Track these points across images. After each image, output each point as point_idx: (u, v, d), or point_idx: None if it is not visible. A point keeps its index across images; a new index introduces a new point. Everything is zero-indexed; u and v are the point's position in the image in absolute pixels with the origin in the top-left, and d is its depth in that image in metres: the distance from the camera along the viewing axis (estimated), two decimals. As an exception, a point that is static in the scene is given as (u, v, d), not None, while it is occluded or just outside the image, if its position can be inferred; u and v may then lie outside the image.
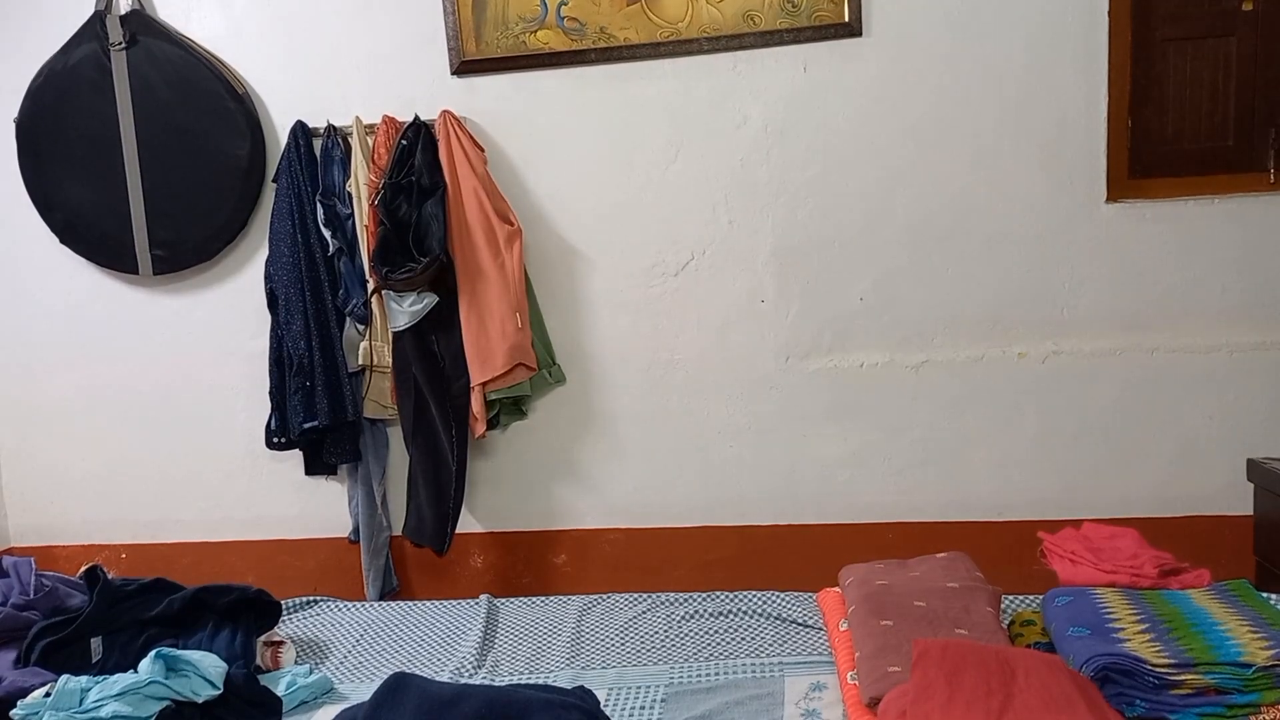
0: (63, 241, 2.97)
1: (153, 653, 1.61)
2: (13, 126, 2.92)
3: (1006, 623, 1.82)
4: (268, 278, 2.84)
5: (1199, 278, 2.68)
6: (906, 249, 2.75)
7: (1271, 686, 1.41)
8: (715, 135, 2.75)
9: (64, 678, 1.57)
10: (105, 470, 3.18)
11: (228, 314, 3.01)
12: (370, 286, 2.76)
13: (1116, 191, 2.69)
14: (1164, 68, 2.69)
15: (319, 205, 2.76)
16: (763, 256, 2.79)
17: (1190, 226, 2.67)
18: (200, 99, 2.83)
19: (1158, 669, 1.44)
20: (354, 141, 2.74)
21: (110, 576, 1.94)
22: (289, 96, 2.87)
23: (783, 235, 2.77)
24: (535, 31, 2.73)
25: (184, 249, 2.92)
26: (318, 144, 2.80)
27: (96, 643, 1.75)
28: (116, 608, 1.79)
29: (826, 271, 2.78)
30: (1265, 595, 1.75)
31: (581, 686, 1.36)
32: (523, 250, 2.75)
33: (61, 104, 2.87)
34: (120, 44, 2.81)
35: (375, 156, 2.72)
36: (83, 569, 1.99)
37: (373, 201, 2.67)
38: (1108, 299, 2.71)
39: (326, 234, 2.76)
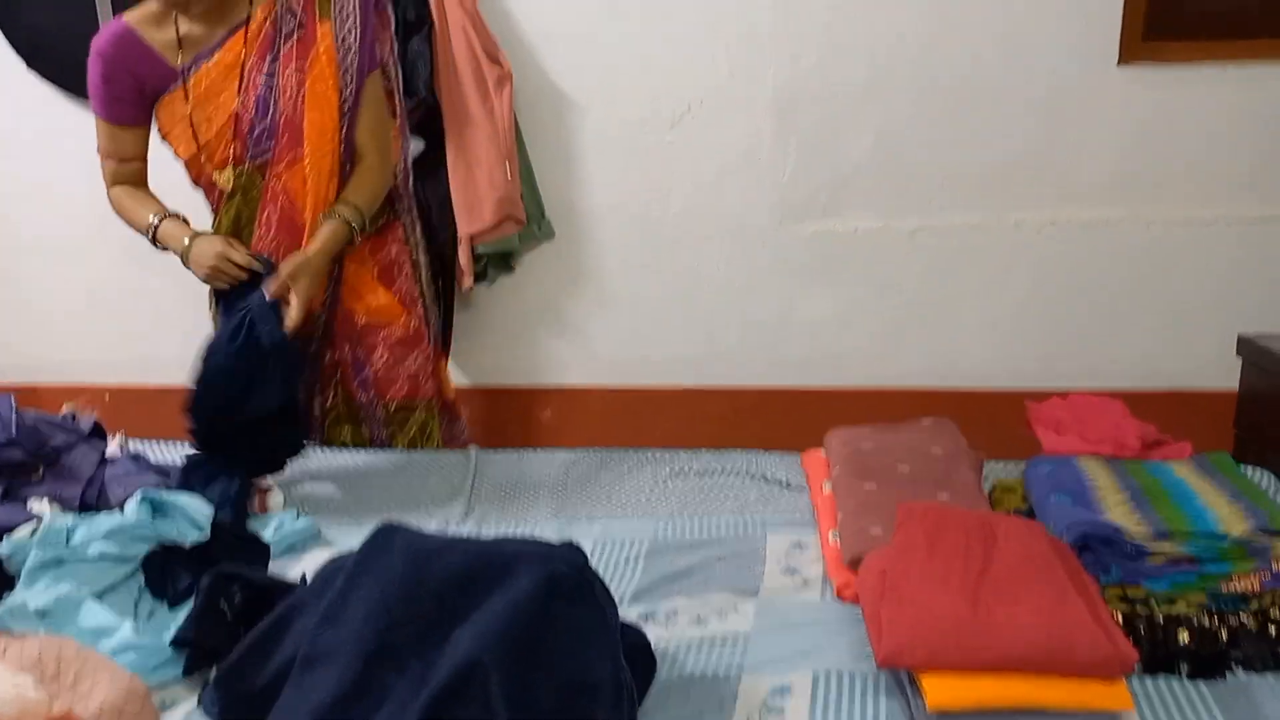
0: (30, 66, 2.82)
1: (138, 494, 1.61)
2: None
3: (987, 489, 1.85)
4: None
5: (1207, 147, 2.62)
6: (909, 108, 2.66)
7: (1245, 557, 1.44)
8: (719, -25, 2.60)
9: (49, 515, 1.57)
10: (84, 307, 3.12)
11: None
12: (352, 128, 2.64)
13: (1129, 54, 2.59)
14: (1193, -82, 2.54)
15: (297, 39, 2.60)
16: (762, 110, 2.69)
17: (1203, 94, 2.59)
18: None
19: (1136, 538, 1.47)
20: (333, -30, 2.57)
21: (84, 416, 1.94)
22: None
23: (784, 88, 2.67)
24: None
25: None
26: (295, -29, 2.63)
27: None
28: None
29: (826, 128, 2.69)
30: (1243, 468, 1.77)
31: (569, 541, 1.36)
32: (513, 95, 2.63)
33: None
34: None
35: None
36: (64, 409, 1.97)
37: (354, 37, 2.52)
38: (1111, 167, 2.65)
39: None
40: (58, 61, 2.79)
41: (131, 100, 1.91)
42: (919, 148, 2.68)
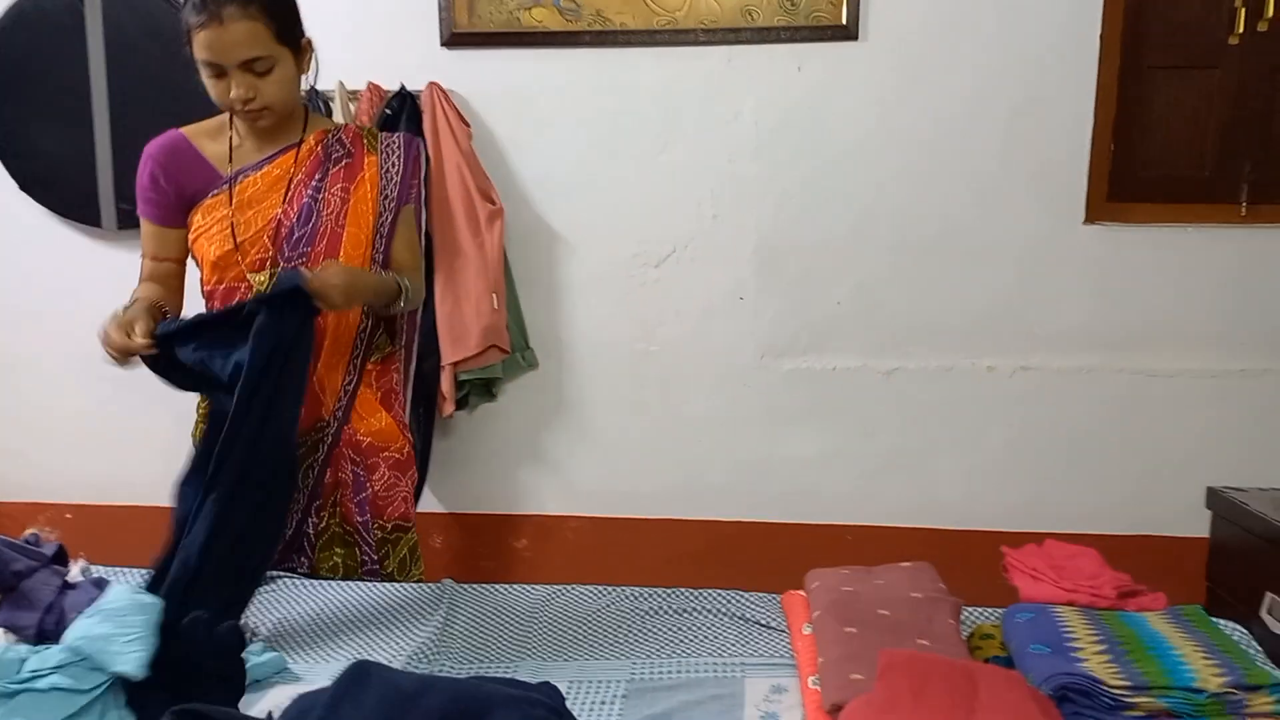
0: (23, 189, 2.88)
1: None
2: (-23, 67, 2.82)
3: (966, 635, 1.84)
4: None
5: (1170, 303, 2.73)
6: (887, 256, 2.76)
7: (1222, 713, 1.44)
8: (706, 128, 2.74)
9: (3, 645, 1.51)
10: (55, 426, 3.09)
11: (191, 274, 2.93)
12: (344, 257, 2.70)
13: (1095, 213, 2.73)
14: (1150, 94, 2.73)
15: (296, 170, 2.68)
16: (745, 253, 2.79)
17: (1164, 252, 2.72)
18: (178, 51, 2.73)
19: (1114, 690, 1.46)
20: (336, 107, 2.68)
21: (47, 541, 1.89)
22: (271, 56, 2.80)
23: (767, 234, 2.77)
24: (530, 9, 2.69)
25: (151, 205, 2.84)
26: (299, 107, 2.74)
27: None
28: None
29: (807, 273, 2.79)
30: (1216, 621, 1.78)
31: (547, 682, 1.34)
32: (503, 231, 2.71)
33: (30, 47, 2.78)
34: (97, -12, 2.72)
35: (358, 124, 2.66)
36: (26, 533, 1.93)
37: (352, 170, 2.61)
38: (1079, 318, 2.75)
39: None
40: (54, 187, 2.86)
41: (174, 204, 2.05)
42: (896, 294, 2.78)
